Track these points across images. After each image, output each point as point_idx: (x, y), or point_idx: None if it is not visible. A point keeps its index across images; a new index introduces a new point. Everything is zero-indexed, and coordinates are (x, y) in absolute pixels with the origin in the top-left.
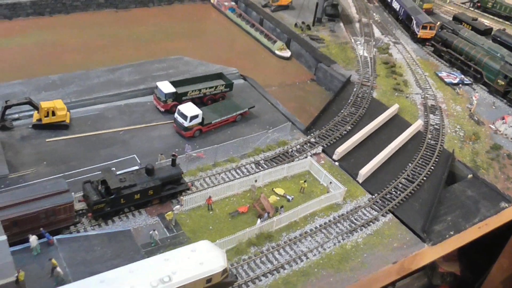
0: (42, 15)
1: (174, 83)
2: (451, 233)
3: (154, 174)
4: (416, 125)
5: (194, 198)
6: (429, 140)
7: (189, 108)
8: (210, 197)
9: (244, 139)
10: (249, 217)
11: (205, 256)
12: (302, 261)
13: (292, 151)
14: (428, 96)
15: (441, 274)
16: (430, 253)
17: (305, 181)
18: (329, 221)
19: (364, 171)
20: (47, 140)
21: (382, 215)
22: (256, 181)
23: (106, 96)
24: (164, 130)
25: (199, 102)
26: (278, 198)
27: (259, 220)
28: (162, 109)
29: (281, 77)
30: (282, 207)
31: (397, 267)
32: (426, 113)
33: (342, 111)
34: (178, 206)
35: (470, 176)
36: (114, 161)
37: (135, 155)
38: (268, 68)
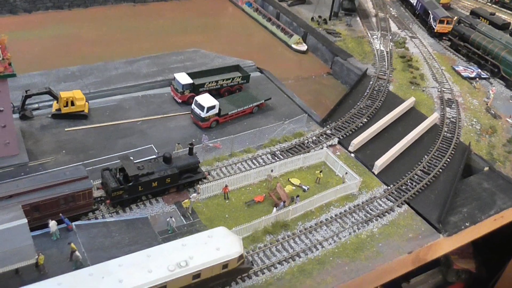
0: (61, 8)
1: (192, 75)
2: (467, 224)
3: (171, 162)
4: (432, 118)
5: (211, 187)
6: (445, 133)
7: (206, 99)
8: (226, 186)
9: (261, 130)
10: (265, 206)
11: (222, 242)
12: (317, 249)
13: (308, 143)
14: (445, 89)
15: (456, 271)
16: (445, 244)
17: (321, 171)
18: (345, 211)
19: (380, 163)
20: (66, 129)
21: (398, 206)
22: (272, 171)
23: (124, 87)
24: (181, 120)
25: (216, 93)
26: (294, 188)
27: (274, 209)
28: (180, 100)
29: (297, 71)
30: (298, 196)
31: (413, 257)
32: (442, 107)
33: (358, 103)
34: (194, 194)
35: (486, 168)
36: (132, 150)
37: (152, 145)
38: (285, 61)
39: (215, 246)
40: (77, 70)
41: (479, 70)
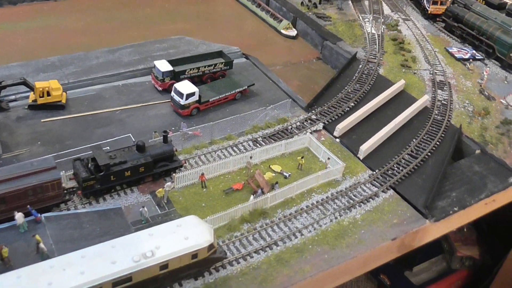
0: (47, 0)
1: (172, 62)
2: (455, 209)
3: (145, 151)
4: (423, 101)
5: (188, 175)
6: (436, 116)
7: (185, 86)
8: (203, 174)
9: (242, 116)
10: (244, 194)
11: (191, 231)
12: (296, 237)
13: (291, 128)
14: (437, 72)
15: (460, 258)
16: (432, 230)
17: (302, 157)
18: (327, 197)
19: (365, 147)
20: (42, 120)
21: (383, 191)
22: (251, 157)
23: (105, 76)
24: (161, 109)
25: (198, 80)
26: (274, 174)
27: (252, 197)
28: (160, 88)
29: (286, 56)
30: (277, 183)
31: (398, 244)
32: (434, 89)
33: (345, 88)
34: (169, 183)
35: (478, 151)
36: (109, 140)
37: (130, 134)
38: (274, 47)
39: (183, 236)
40: (57, 60)
41: (474, 51)
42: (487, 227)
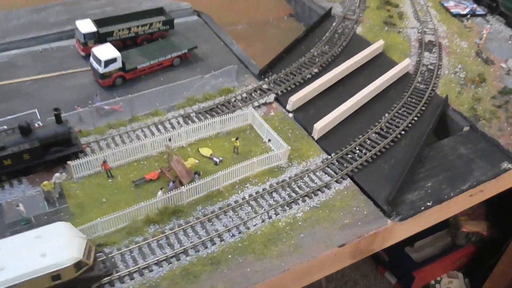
0: None
1: (99, 22)
2: (429, 204)
3: (31, 134)
4: (403, 65)
5: (90, 162)
6: (418, 84)
7: (104, 51)
8: (105, 162)
9: (174, 87)
10: (159, 186)
11: (52, 245)
12: (214, 244)
13: (235, 101)
14: (427, 30)
15: (466, 234)
16: (396, 231)
17: (237, 139)
18: (263, 189)
19: (321, 125)
20: None
21: (337, 181)
22: (170, 139)
23: (22, 40)
24: (82, 78)
25: (131, 43)
26: (197, 161)
27: (160, 192)
28: (83, 54)
29: (252, 14)
30: (196, 173)
31: (349, 251)
32: (420, 51)
33: (311, 50)
34: (58, 174)
35: (466, 128)
36: (9, 117)
37: (36, 110)
38: (238, 3)
39: (40, 251)
40: None
41: (474, 6)
42: (497, 199)
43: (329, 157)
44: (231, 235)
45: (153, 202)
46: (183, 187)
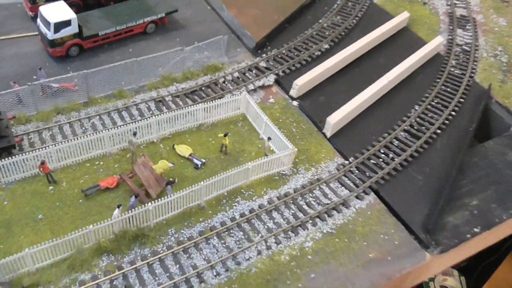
0: None
1: None
2: (476, 230)
3: None
4: (434, 44)
5: (25, 162)
6: (453, 69)
7: (55, 10)
8: (44, 162)
9: (143, 61)
10: (117, 197)
11: None
12: (190, 287)
13: (224, 82)
14: (457, 2)
15: None
16: (431, 268)
17: (226, 135)
18: (260, 207)
19: (336, 118)
20: None
21: (357, 197)
22: (135, 134)
23: None
24: (28, 45)
25: (94, 3)
26: (171, 164)
27: (117, 210)
28: (31, 13)
29: None
30: (168, 184)
31: None
32: (451, 27)
33: (320, 21)
34: None
35: None
36: None
37: None
38: None
39: None
40: None
41: None
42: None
43: (346, 162)
44: (214, 273)
45: (107, 225)
46: (149, 203)
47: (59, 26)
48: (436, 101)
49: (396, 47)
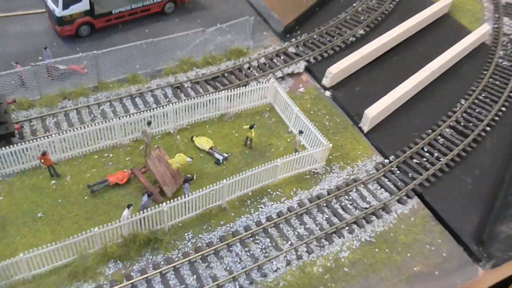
0: None
1: None
2: None
3: None
4: (480, 33)
5: (26, 152)
6: (501, 60)
7: None
8: (45, 153)
9: (160, 43)
10: (128, 195)
11: None
12: None
13: (250, 68)
14: None
15: None
16: (481, 284)
17: (251, 127)
18: (289, 210)
19: (375, 112)
20: None
21: (399, 201)
22: (149, 123)
23: None
24: (34, 23)
25: None
26: (189, 159)
27: (126, 210)
28: None
29: None
30: (185, 182)
31: None
32: (497, 15)
33: (354, 4)
34: None
35: None
36: None
37: None
38: None
39: None
40: None
41: None
42: None
43: (386, 161)
44: (237, 286)
45: (115, 227)
46: (164, 203)
47: (69, 1)
48: (484, 95)
49: (437, 35)
